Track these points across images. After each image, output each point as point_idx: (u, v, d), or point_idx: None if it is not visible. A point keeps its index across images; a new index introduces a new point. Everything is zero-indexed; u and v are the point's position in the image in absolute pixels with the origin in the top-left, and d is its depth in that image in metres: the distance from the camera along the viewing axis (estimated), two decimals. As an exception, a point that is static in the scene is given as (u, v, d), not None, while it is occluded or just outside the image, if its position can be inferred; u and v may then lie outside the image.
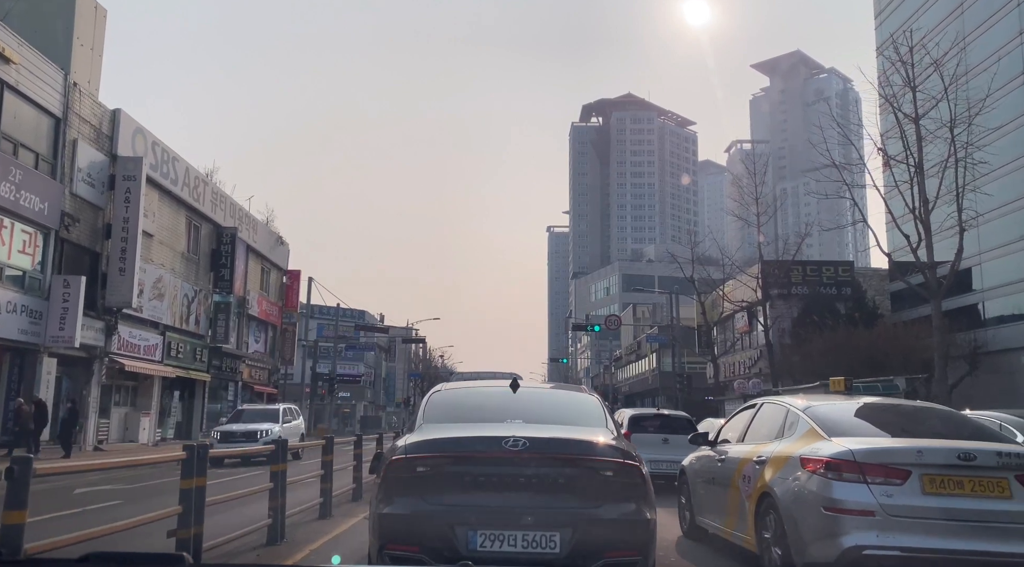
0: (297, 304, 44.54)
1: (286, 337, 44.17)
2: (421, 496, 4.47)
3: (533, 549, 4.30)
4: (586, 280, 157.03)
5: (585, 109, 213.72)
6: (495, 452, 4.49)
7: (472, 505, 4.41)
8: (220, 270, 33.64)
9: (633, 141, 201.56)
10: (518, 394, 5.55)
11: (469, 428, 4.92)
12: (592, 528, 4.37)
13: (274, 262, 42.17)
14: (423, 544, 4.35)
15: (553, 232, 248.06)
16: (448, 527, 4.34)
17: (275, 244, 42.09)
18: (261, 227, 40.03)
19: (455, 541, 4.31)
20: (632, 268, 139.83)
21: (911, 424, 6.06)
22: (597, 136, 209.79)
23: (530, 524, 4.34)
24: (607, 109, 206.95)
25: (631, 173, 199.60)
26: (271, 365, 42.57)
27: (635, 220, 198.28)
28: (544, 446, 4.55)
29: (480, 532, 4.32)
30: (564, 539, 4.31)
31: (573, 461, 4.54)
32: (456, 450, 4.60)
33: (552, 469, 4.49)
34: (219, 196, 34.09)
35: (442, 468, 4.51)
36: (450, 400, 5.74)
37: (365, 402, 73.80)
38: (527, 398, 5.62)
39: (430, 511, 4.41)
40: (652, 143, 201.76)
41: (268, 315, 41.32)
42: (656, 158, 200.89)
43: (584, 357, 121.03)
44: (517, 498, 4.43)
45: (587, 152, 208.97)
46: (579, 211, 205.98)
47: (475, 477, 4.48)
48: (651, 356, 58.91)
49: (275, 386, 42.81)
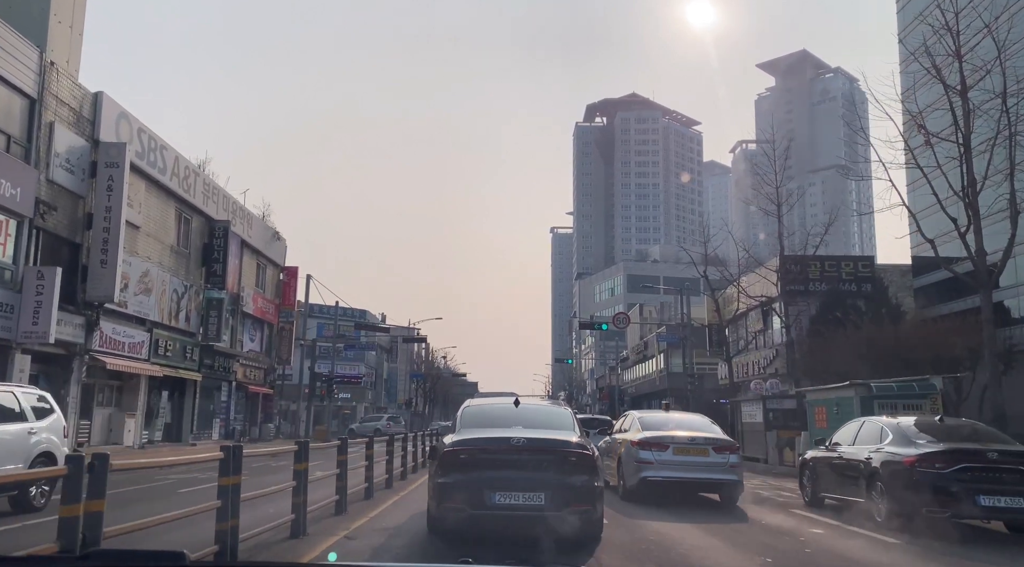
0: (294, 302, 43.09)
1: (283, 336, 42.71)
2: (462, 472, 7.47)
3: (527, 503, 7.30)
4: (590, 281, 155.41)
5: (589, 109, 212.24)
6: (505, 447, 7.62)
7: (492, 477, 7.37)
8: (212, 265, 32.19)
9: (637, 141, 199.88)
10: (519, 409, 8.95)
11: (488, 431, 8.09)
12: (562, 490, 7.36)
13: (270, 258, 40.72)
14: (464, 500, 7.34)
15: (557, 233, 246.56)
16: (478, 490, 7.31)
17: (271, 239, 40.64)
18: (256, 222, 38.58)
19: (483, 498, 7.28)
20: (637, 268, 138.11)
21: (670, 423, 13.61)
22: (601, 136, 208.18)
23: (526, 488, 7.34)
24: (611, 109, 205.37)
25: (635, 173, 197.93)
26: (267, 365, 41.12)
27: (639, 220, 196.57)
28: (535, 443, 7.72)
29: (497, 493, 7.31)
30: (546, 496, 7.32)
31: (552, 452, 7.68)
32: (482, 445, 7.73)
33: (540, 456, 7.61)
34: (211, 188, 32.66)
35: (474, 455, 7.60)
36: (475, 412, 9.08)
37: (366, 403, 72.29)
38: (524, 411, 8.95)
39: (467, 480, 7.39)
40: (656, 143, 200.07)
41: (264, 313, 39.87)
42: (660, 158, 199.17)
43: (588, 358, 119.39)
44: (518, 473, 7.44)
45: (591, 152, 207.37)
46: (583, 211, 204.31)
47: (493, 461, 7.52)
48: (659, 357, 57.35)
49: (271, 386, 41.35)
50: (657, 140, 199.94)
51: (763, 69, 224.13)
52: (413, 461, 18.50)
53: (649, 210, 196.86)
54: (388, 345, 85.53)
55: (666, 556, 7.70)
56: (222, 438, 34.92)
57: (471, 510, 7.35)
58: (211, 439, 33.48)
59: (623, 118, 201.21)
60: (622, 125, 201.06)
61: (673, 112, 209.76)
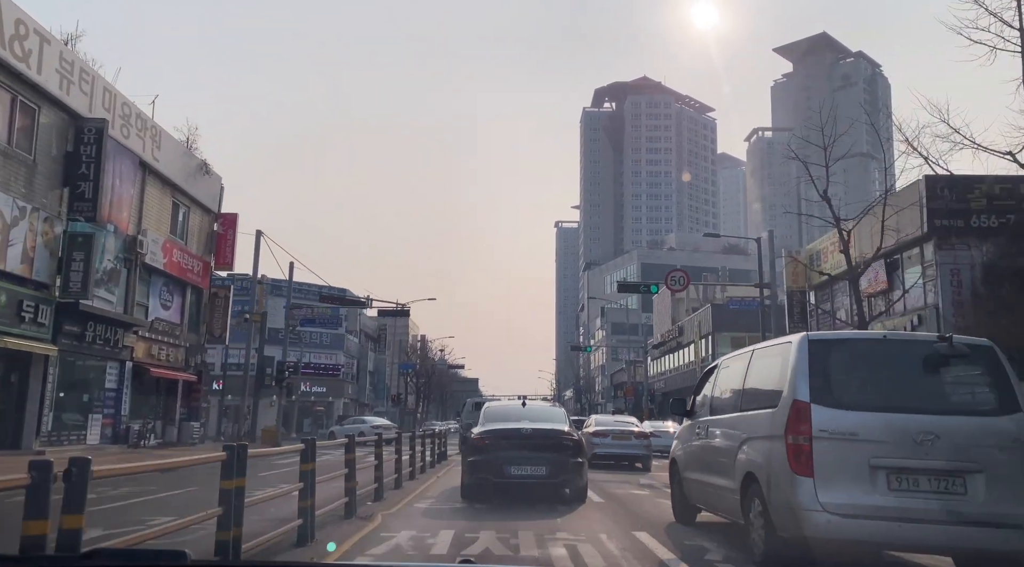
0: (233, 260, 32.40)
1: (216, 305, 32.07)
2: (487, 453, 10.99)
3: (534, 473, 10.80)
4: (600, 271, 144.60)
5: (598, 93, 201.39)
6: (517, 434, 11.19)
7: (508, 456, 10.85)
8: (78, 184, 21.58)
9: (649, 126, 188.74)
10: (526, 408, 12.91)
11: (505, 424, 11.68)
12: (558, 465, 10.85)
13: (194, 198, 30.04)
14: (489, 472, 10.87)
15: (562, 227, 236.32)
16: (498, 465, 10.82)
17: (196, 172, 29.91)
18: (169, 141, 27.83)
19: (502, 470, 10.78)
20: (652, 256, 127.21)
21: (614, 421, 22.48)
22: (610, 122, 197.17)
23: (532, 463, 10.83)
24: (621, 93, 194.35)
25: (647, 161, 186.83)
26: (192, 342, 30.46)
27: (651, 211, 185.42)
28: (538, 432, 11.26)
29: (512, 466, 10.79)
30: (547, 469, 10.81)
31: (551, 438, 11.16)
32: (500, 433, 11.25)
33: (542, 441, 11.07)
34: (79, 72, 22.00)
35: (495, 441, 11.09)
36: (495, 410, 13.00)
37: (345, 399, 61.46)
38: (530, 409, 12.87)
39: (491, 458, 10.90)
40: (669, 129, 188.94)
41: (185, 271, 29.24)
42: (673, 145, 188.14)
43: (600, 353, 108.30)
44: (527, 453, 10.89)
45: (599, 139, 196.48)
46: (591, 201, 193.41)
47: (509, 444, 10.99)
48: (699, 342, 46.58)
49: (197, 372, 30.67)
50: (670, 126, 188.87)
51: (780, 53, 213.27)
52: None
53: (661, 200, 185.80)
54: (375, 332, 74.71)
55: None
56: (106, 442, 24.31)
57: (495, 479, 10.82)
58: (83, 443, 22.88)
59: (633, 102, 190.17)
60: (632, 110, 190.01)
61: (686, 97, 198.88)
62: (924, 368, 6.32)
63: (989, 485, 5.70)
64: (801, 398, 6.03)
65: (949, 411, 6.07)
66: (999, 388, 6.16)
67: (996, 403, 6.12)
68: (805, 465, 5.86)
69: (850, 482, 5.80)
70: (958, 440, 5.81)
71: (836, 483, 5.80)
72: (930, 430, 5.80)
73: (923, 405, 6.04)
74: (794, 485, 5.86)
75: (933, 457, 5.74)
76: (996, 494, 5.68)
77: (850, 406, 6.06)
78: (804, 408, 6.00)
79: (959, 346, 6.27)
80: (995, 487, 5.70)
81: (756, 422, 6.78)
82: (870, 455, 5.81)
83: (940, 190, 21.53)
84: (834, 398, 6.07)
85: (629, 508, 11.00)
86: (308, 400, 57.00)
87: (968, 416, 6.07)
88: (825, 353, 6.35)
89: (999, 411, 6.07)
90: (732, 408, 7.62)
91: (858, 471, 5.80)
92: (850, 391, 6.26)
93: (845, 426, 5.92)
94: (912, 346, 6.75)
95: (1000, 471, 5.76)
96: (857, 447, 5.83)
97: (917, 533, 5.68)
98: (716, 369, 8.91)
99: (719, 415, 7.98)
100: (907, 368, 6.40)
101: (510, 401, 15.53)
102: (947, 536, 5.67)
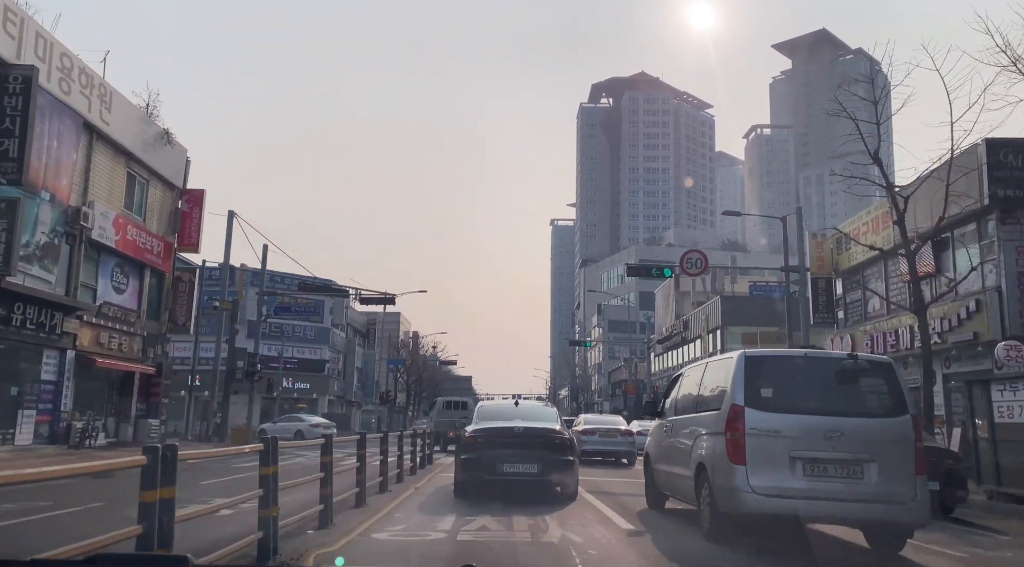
0: (199, 241, 29.26)
1: (180, 290, 28.97)
2: (480, 450, 11.10)
3: (526, 471, 10.86)
4: (596, 268, 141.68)
5: (595, 88, 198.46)
6: (510, 432, 11.29)
7: (501, 453, 10.93)
8: (0, 141, 18.47)
9: (647, 122, 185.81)
10: (518, 407, 13.11)
11: (498, 422, 11.85)
12: (549, 462, 10.97)
13: (154, 170, 26.93)
14: (482, 469, 10.97)
15: (557, 225, 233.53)
16: (490, 463, 10.91)
17: (156, 141, 26.79)
18: (123, 105, 24.71)
19: (494, 467, 10.85)
20: (650, 253, 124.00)
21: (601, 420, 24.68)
22: (607, 118, 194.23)
23: (524, 461, 10.90)
24: (618, 88, 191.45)
25: (644, 157, 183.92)
26: (153, 331, 27.37)
27: (648, 208, 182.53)
28: (530, 430, 11.36)
29: (504, 464, 10.86)
30: (538, 467, 10.90)
31: (542, 436, 11.28)
32: (493, 431, 11.39)
33: (533, 439, 11.18)
34: (6, 11, 18.88)
35: (488, 438, 11.23)
36: (489, 409, 13.37)
37: (331, 396, 58.31)
38: (522, 409, 13.02)
39: (484, 456, 11.01)
40: (667, 125, 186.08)
41: (142, 251, 26.16)
42: (671, 142, 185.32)
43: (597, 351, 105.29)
44: (519, 451, 10.97)
45: (596, 134, 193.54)
46: (587, 198, 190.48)
47: (502, 442, 11.10)
48: (707, 337, 43.66)
49: (157, 364, 27.55)
50: (668, 122, 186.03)
51: (779, 50, 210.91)
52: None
53: (658, 196, 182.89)
54: (364, 327, 71.59)
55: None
56: (42, 442, 21.20)
57: (487, 476, 10.93)
58: (10, 444, 19.79)
59: (631, 98, 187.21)
60: (630, 105, 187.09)
61: (684, 93, 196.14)
62: (835, 380, 7.78)
63: (881, 471, 7.12)
64: (738, 403, 7.40)
65: (852, 414, 7.46)
66: (892, 396, 7.57)
67: (889, 407, 7.52)
68: (740, 456, 7.22)
69: (775, 469, 7.18)
70: (858, 436, 7.22)
71: (764, 470, 7.16)
72: (837, 429, 7.19)
73: (832, 409, 7.45)
74: (732, 472, 7.23)
75: (839, 450, 7.13)
76: (886, 478, 7.12)
77: (775, 409, 7.43)
78: (739, 411, 7.38)
79: (862, 363, 7.91)
80: (885, 473, 7.14)
81: (706, 421, 8.11)
82: (790, 448, 7.19)
83: (1004, 156, 18.57)
84: (763, 403, 7.46)
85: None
86: (291, 397, 53.86)
87: (867, 418, 7.49)
88: (758, 367, 7.75)
89: (891, 414, 7.49)
90: (691, 409, 8.92)
91: (781, 461, 7.19)
92: (776, 398, 7.61)
93: (771, 425, 7.30)
94: (826, 362, 8.33)
95: (890, 460, 7.19)
96: (780, 442, 7.22)
97: (826, 509, 7.16)
98: (681, 377, 10.29)
99: (681, 415, 9.31)
100: (821, 380, 7.87)
101: (504, 400, 17.24)
102: (849, 511, 7.17)
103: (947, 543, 8.24)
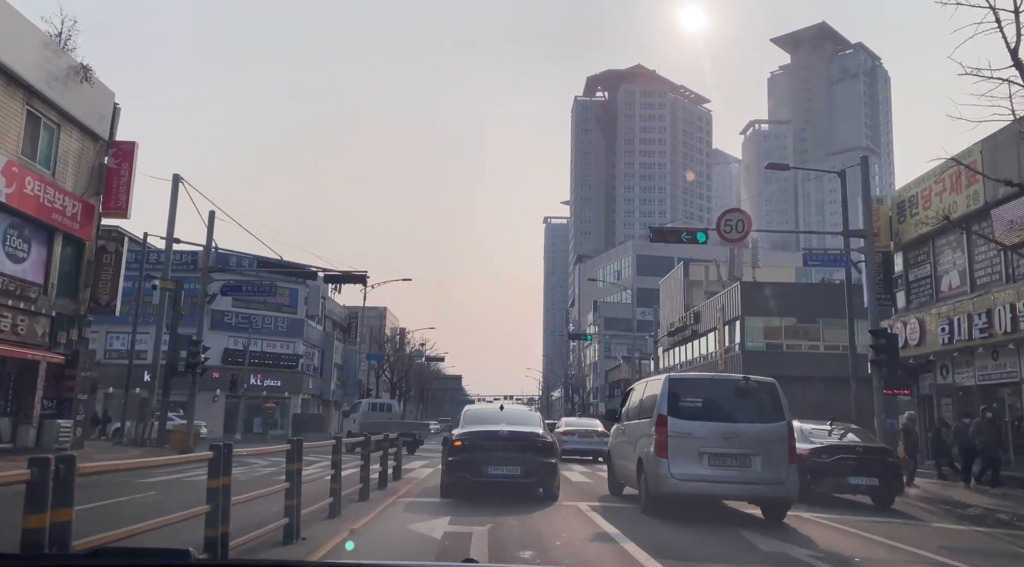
0: (127, 204, 24.19)
1: (103, 262, 23.93)
2: (465, 453, 11.64)
3: (509, 473, 11.50)
4: (592, 264, 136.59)
5: (590, 81, 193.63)
6: (494, 437, 11.82)
7: (485, 456, 11.53)
8: None
9: (643, 117, 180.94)
10: (503, 412, 13.50)
11: (483, 426, 12.38)
12: (532, 465, 11.58)
13: (67, 113, 21.86)
14: (467, 471, 11.55)
15: (551, 223, 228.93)
16: (476, 464, 11.50)
17: (69, 76, 21.68)
18: (17, 23, 19.58)
19: (479, 469, 11.45)
20: (648, 248, 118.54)
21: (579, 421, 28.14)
22: (603, 112, 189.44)
23: (508, 463, 11.52)
24: (614, 81, 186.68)
25: (640, 152, 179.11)
26: (66, 311, 22.31)
27: (644, 204, 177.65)
28: (514, 434, 11.91)
29: (489, 466, 11.46)
30: (521, 469, 11.52)
31: (525, 440, 11.86)
32: (479, 435, 11.90)
33: (517, 442, 11.76)
34: None
35: (474, 442, 11.76)
36: (474, 413, 13.71)
37: (305, 395, 53.15)
38: (508, 413, 13.46)
39: (469, 458, 11.58)
40: (664, 119, 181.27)
41: (49, 212, 21.10)
42: (668, 136, 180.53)
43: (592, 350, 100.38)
44: (503, 453, 11.59)
45: (591, 129, 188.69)
46: (582, 194, 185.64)
47: (487, 445, 11.66)
48: (723, 330, 38.86)
49: (71, 352, 22.45)
50: (664, 116, 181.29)
51: (778, 44, 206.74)
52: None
53: (655, 192, 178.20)
54: (345, 320, 66.49)
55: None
56: None
57: (472, 478, 11.52)
58: None
59: (627, 91, 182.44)
60: (626, 98, 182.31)
61: (681, 87, 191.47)
62: (733, 396, 10.83)
63: (763, 462, 10.13)
64: (663, 412, 10.42)
65: (744, 420, 10.48)
66: (774, 407, 10.60)
67: (771, 416, 10.53)
68: (664, 452, 10.22)
69: (689, 461, 10.18)
70: (748, 437, 10.26)
71: (680, 462, 10.16)
72: (732, 432, 10.23)
73: (730, 417, 10.52)
74: (659, 463, 10.23)
75: (734, 447, 10.13)
76: (767, 466, 10.14)
77: (689, 417, 10.47)
78: (664, 419, 10.42)
79: (752, 383, 10.88)
80: (767, 463, 10.15)
81: (644, 426, 11.10)
82: (699, 446, 10.22)
83: None
84: (681, 412, 10.48)
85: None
86: (259, 395, 48.77)
87: (754, 423, 10.46)
88: (678, 385, 10.86)
89: (772, 420, 10.54)
90: (636, 416, 11.90)
91: (693, 455, 10.19)
92: (690, 409, 10.59)
93: (685, 429, 10.34)
94: (727, 382, 11.32)
95: (770, 454, 10.18)
96: (692, 441, 10.24)
97: (725, 490, 10.45)
98: (631, 390, 13.33)
99: (631, 421, 12.25)
100: (723, 396, 10.93)
101: (488, 404, 18.36)
102: (742, 491, 10.45)
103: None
